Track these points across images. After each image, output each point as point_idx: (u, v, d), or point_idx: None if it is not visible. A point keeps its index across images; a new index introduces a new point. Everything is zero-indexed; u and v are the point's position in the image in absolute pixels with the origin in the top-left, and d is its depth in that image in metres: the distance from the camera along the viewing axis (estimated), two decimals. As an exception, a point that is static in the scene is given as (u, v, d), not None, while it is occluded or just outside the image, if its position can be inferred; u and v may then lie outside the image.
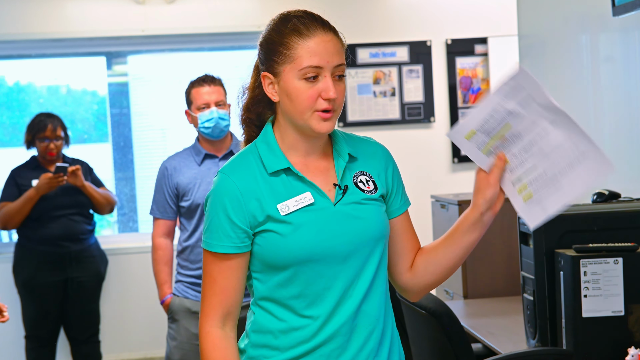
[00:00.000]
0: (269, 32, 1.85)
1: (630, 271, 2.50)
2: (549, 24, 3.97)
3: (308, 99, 1.79)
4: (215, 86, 3.69)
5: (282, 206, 1.80)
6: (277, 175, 1.82)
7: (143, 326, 5.61)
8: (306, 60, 1.78)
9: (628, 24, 3.24)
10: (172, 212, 3.70)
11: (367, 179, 1.89)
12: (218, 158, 3.71)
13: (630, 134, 3.29)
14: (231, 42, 5.76)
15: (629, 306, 2.53)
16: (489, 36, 5.69)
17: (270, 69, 1.83)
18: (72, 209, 4.71)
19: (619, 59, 3.37)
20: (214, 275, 1.83)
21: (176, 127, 5.67)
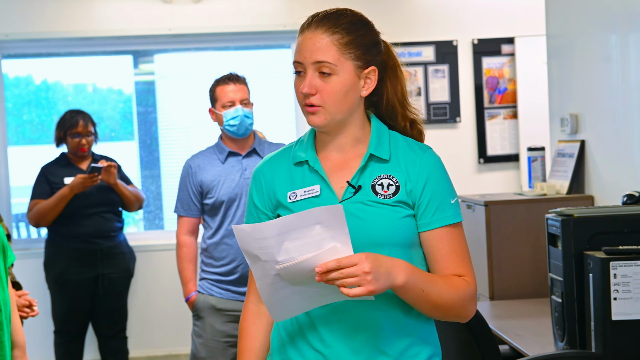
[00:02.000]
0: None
1: (661, 274, 2.47)
2: (577, 24, 3.93)
3: (297, 94, 1.89)
4: (240, 84, 3.70)
5: (291, 194, 1.89)
6: (300, 165, 1.91)
7: (168, 323, 5.63)
8: (295, 55, 1.90)
9: (659, 24, 3.20)
10: (197, 209, 3.71)
11: (389, 183, 1.87)
12: (241, 156, 3.71)
13: (661, 135, 3.25)
14: (257, 41, 5.77)
15: (659, 309, 2.50)
16: (516, 36, 5.65)
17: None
18: (103, 206, 4.75)
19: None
20: None
21: (200, 126, 5.68)
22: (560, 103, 4.03)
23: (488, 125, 5.67)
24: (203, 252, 3.74)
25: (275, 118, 5.74)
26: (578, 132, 3.89)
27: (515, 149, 5.70)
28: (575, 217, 2.63)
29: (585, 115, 3.83)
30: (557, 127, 4.08)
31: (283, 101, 5.78)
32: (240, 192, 3.67)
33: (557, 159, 3.98)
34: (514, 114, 5.69)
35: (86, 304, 4.78)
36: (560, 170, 3.91)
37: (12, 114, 5.89)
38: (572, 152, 3.84)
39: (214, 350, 3.65)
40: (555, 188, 3.83)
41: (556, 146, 4.05)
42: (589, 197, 3.71)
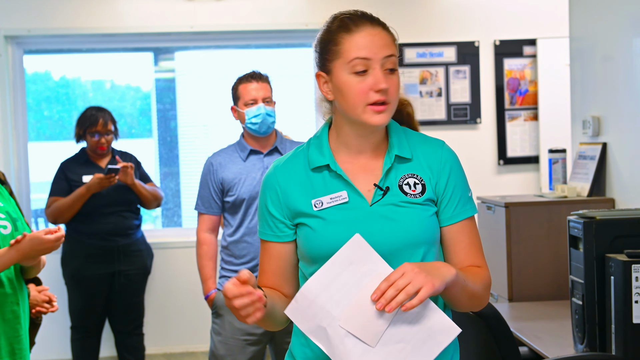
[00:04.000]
0: (320, 33, 1.89)
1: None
2: (601, 26, 3.91)
3: (359, 93, 1.80)
4: (262, 83, 3.70)
5: (316, 201, 1.84)
6: (319, 171, 1.87)
7: (185, 320, 5.64)
8: (353, 52, 1.80)
9: (684, 27, 3.17)
10: (217, 207, 3.72)
11: (415, 182, 1.86)
12: (263, 154, 3.72)
13: (684, 138, 3.22)
14: (279, 39, 5.77)
15: (681, 313, 2.48)
16: (538, 37, 5.62)
17: (323, 68, 1.86)
18: (121, 206, 4.76)
19: (673, 62, 3.30)
20: (262, 258, 1.95)
21: (219, 124, 5.69)
22: (582, 105, 4.01)
23: (508, 126, 5.65)
24: (223, 249, 3.74)
25: (295, 117, 5.74)
26: (600, 134, 3.87)
27: (535, 151, 5.68)
28: (597, 220, 2.62)
29: (608, 118, 3.81)
30: (579, 129, 4.06)
31: (303, 100, 5.79)
32: (261, 190, 3.67)
33: (578, 161, 3.96)
34: (535, 116, 5.66)
35: (103, 301, 4.80)
36: (581, 172, 3.89)
37: (31, 109, 5.92)
38: (594, 155, 3.82)
39: (232, 348, 3.66)
40: (576, 190, 3.81)
41: (577, 148, 4.02)
42: (610, 200, 3.69)
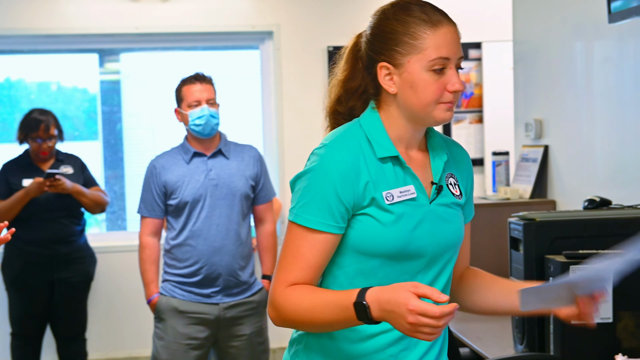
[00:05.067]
0: (387, 21, 1.77)
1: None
2: (544, 30, 3.96)
3: (435, 92, 1.73)
4: (206, 84, 3.69)
5: (387, 194, 1.75)
6: (385, 162, 1.77)
7: (129, 325, 5.58)
8: (435, 51, 1.72)
9: (623, 31, 3.23)
10: (160, 210, 3.69)
11: (454, 182, 1.86)
12: (207, 157, 3.70)
13: (623, 141, 3.28)
14: (225, 41, 5.74)
15: (617, 313, 2.52)
16: (483, 41, 5.68)
17: (390, 60, 1.76)
18: (61, 211, 4.67)
19: (613, 66, 3.36)
20: (303, 251, 1.73)
21: (166, 126, 5.64)
22: (525, 108, 4.06)
23: (454, 129, 5.69)
24: (166, 253, 3.71)
25: (241, 119, 5.72)
26: (542, 137, 3.92)
27: (481, 154, 5.73)
28: (537, 222, 2.64)
29: (549, 121, 3.86)
30: (522, 132, 4.11)
31: (250, 102, 5.76)
32: (205, 193, 3.65)
33: (520, 164, 4.00)
34: (480, 119, 5.72)
35: (43, 308, 4.71)
36: (523, 174, 3.94)
37: (-26, 111, 5.81)
38: (536, 157, 3.87)
39: (175, 353, 3.63)
40: (519, 192, 3.85)
41: (520, 151, 4.07)
42: (551, 202, 3.74)
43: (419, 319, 1.53)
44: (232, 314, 3.69)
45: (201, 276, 3.64)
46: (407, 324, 1.54)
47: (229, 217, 3.66)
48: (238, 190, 3.69)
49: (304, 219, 1.73)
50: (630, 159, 3.23)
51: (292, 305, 1.70)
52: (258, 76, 5.71)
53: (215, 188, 3.66)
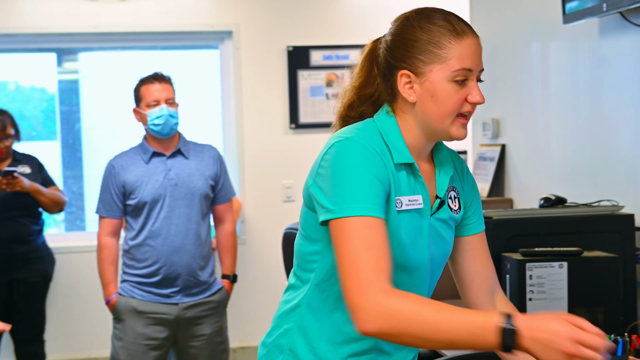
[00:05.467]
0: (410, 29, 1.73)
1: (575, 275, 2.53)
2: (500, 30, 4.01)
3: (456, 103, 1.69)
4: (165, 84, 3.68)
5: (398, 200, 1.70)
6: (400, 168, 1.72)
7: (88, 326, 5.53)
8: (459, 61, 1.68)
9: (577, 32, 3.28)
10: (119, 210, 3.67)
11: (455, 196, 1.83)
12: (166, 157, 3.69)
13: (578, 140, 3.33)
14: (184, 41, 5.72)
15: (572, 309, 2.56)
16: (442, 41, 5.72)
17: (412, 68, 1.71)
18: (19, 210, 4.61)
19: (568, 66, 3.41)
20: (373, 241, 1.58)
21: (126, 126, 5.60)
22: (483, 108, 4.10)
23: (413, 129, 5.73)
24: (125, 253, 3.69)
25: (202, 119, 5.70)
26: (499, 136, 3.96)
27: (440, 153, 5.77)
28: (494, 220, 2.68)
29: (506, 120, 3.91)
30: (479, 131, 4.15)
31: (210, 102, 5.75)
32: (164, 193, 3.64)
33: (478, 163, 4.05)
34: (439, 118, 5.76)
35: (1, 308, 4.65)
36: (481, 173, 3.98)
37: None
38: (493, 156, 3.91)
39: (134, 354, 3.61)
40: (477, 191, 3.89)
41: (478, 150, 4.11)
42: (508, 200, 3.79)
43: (581, 350, 1.46)
44: (192, 313, 3.68)
45: (160, 276, 3.63)
46: (562, 354, 1.46)
47: (188, 217, 3.65)
48: (197, 190, 3.68)
49: (358, 208, 1.60)
50: (584, 158, 3.29)
51: (410, 316, 1.52)
52: (218, 76, 5.69)
53: (174, 188, 3.65)
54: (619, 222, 2.76)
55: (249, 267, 5.51)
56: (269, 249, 5.42)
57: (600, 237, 2.72)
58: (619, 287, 2.64)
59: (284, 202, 5.59)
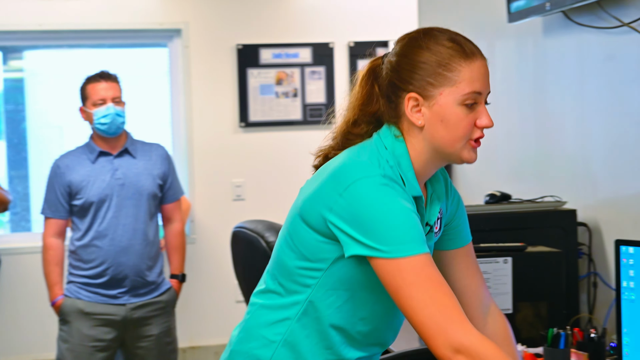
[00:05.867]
0: (419, 50, 1.67)
1: (519, 270, 2.57)
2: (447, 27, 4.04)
3: (466, 127, 1.65)
4: (111, 82, 3.65)
5: None
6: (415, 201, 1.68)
7: (34, 328, 5.44)
8: (469, 85, 1.64)
9: (522, 31, 3.32)
10: (65, 211, 3.63)
11: (439, 217, 1.80)
12: (113, 156, 3.65)
13: (523, 137, 3.37)
14: (132, 39, 5.66)
15: (517, 304, 2.59)
16: (391, 40, 5.75)
17: (420, 91, 1.66)
18: None
19: (513, 64, 3.45)
20: (438, 277, 1.56)
21: (74, 125, 5.53)
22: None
23: (363, 127, 5.75)
24: (71, 254, 3.65)
25: (151, 118, 5.65)
26: (447, 134, 4.00)
27: (389, 151, 5.80)
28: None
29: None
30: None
31: (159, 101, 5.70)
32: (111, 193, 3.60)
33: (427, 161, 4.08)
34: (388, 117, 5.79)
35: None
36: (429, 171, 4.01)
37: None
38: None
39: (80, 356, 3.57)
40: (425, 188, 3.92)
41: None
42: (456, 198, 3.82)
43: None
44: (140, 314, 3.65)
45: (107, 277, 3.59)
46: None
47: (136, 216, 3.62)
48: (145, 189, 3.65)
49: (413, 248, 1.56)
50: (529, 155, 3.33)
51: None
52: (167, 74, 5.65)
53: (121, 188, 3.62)
54: (562, 218, 2.81)
55: (199, 267, 5.49)
56: (219, 248, 5.40)
57: (544, 233, 2.76)
58: (562, 281, 2.68)
59: (234, 200, 5.57)
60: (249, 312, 1.80)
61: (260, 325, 1.74)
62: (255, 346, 1.73)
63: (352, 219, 1.58)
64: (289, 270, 1.71)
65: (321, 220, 1.63)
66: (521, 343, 2.48)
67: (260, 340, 1.73)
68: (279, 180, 5.54)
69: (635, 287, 2.15)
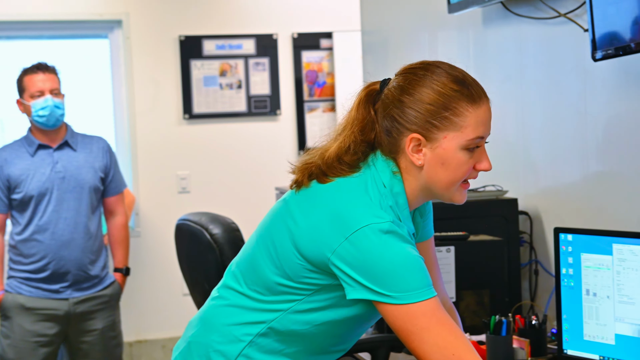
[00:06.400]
0: (423, 90, 1.63)
1: (462, 259, 2.60)
2: (390, 20, 4.06)
3: (466, 171, 1.64)
4: (49, 74, 3.59)
5: None
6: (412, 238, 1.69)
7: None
8: (474, 130, 1.61)
9: (463, 22, 3.35)
10: (4, 205, 3.57)
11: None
12: (52, 149, 3.60)
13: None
14: (72, 30, 5.57)
15: (460, 292, 2.62)
16: (334, 31, 5.76)
17: (424, 132, 1.62)
18: None
19: (455, 55, 3.48)
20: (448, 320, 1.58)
21: (14, 118, 5.43)
22: (374, 96, 4.15)
23: (308, 118, 5.76)
24: (11, 249, 3.60)
25: (92, 110, 5.57)
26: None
27: (335, 142, 5.81)
28: (383, 206, 2.71)
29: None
30: (371, 120, 4.19)
31: (100, 94, 5.62)
32: (51, 186, 3.55)
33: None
34: (333, 107, 5.80)
35: None
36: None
37: None
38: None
39: (23, 351, 3.52)
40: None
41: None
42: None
43: None
44: (83, 308, 3.61)
45: (49, 272, 3.54)
46: None
47: (77, 210, 3.58)
48: (86, 182, 3.61)
49: (423, 293, 1.56)
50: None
51: None
52: (108, 66, 5.57)
53: (62, 181, 3.57)
54: (503, 207, 2.85)
55: (145, 260, 5.44)
56: (164, 242, 5.36)
57: (486, 221, 2.80)
58: (504, 269, 2.72)
59: (179, 193, 5.53)
60: (212, 305, 1.78)
61: (228, 323, 1.73)
62: (219, 341, 1.73)
63: (359, 265, 1.57)
64: (267, 284, 1.69)
65: (321, 257, 1.61)
66: (464, 331, 2.51)
67: (227, 337, 1.72)
68: (224, 172, 5.52)
69: (574, 274, 2.19)
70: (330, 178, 1.67)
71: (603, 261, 2.12)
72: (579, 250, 2.18)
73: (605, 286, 2.12)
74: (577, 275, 2.18)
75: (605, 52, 2.31)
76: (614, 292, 2.10)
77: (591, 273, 2.15)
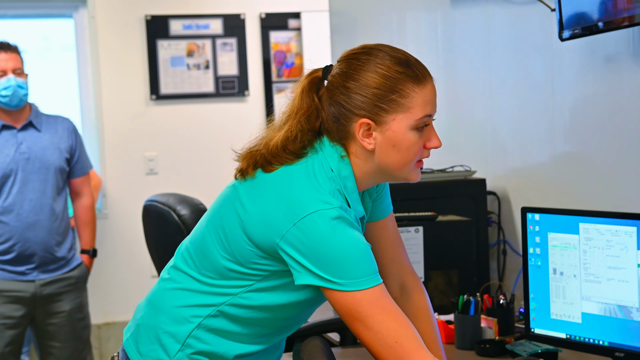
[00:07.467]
0: (367, 74, 1.62)
1: (430, 239, 2.61)
2: (358, 1, 4.05)
3: (417, 151, 1.65)
4: (12, 53, 3.54)
5: None
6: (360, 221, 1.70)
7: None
8: (422, 109, 1.63)
9: (431, 2, 3.35)
10: (-32, 187, 3.52)
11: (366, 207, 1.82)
12: (16, 129, 3.56)
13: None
14: (34, 9, 5.48)
15: (428, 272, 2.64)
16: (303, 11, 5.73)
17: (373, 116, 1.62)
18: None
19: (424, 36, 3.48)
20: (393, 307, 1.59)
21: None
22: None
23: (276, 98, 5.73)
24: (-23, 231, 3.55)
25: (58, 90, 5.51)
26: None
27: (302, 123, 5.79)
28: (352, 187, 2.71)
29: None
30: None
31: (65, 74, 5.55)
32: (16, 167, 3.51)
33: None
34: (301, 88, 5.78)
35: None
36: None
37: None
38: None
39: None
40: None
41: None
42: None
43: None
44: (50, 290, 3.58)
45: (14, 253, 3.51)
46: None
47: (42, 191, 3.54)
48: (52, 163, 3.57)
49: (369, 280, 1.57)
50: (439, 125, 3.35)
51: None
52: (73, 46, 5.50)
53: (27, 162, 3.52)
54: (471, 187, 2.86)
55: (112, 242, 5.40)
56: (132, 223, 5.32)
57: (454, 202, 2.81)
58: (472, 249, 2.74)
59: (146, 174, 5.48)
60: (161, 288, 1.78)
61: (177, 305, 1.73)
62: (168, 322, 1.73)
63: (307, 250, 1.57)
64: (218, 269, 1.69)
65: (270, 243, 1.61)
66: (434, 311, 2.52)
67: (176, 318, 1.72)
68: (192, 153, 5.48)
69: (541, 254, 2.21)
70: (276, 166, 1.67)
71: (570, 240, 2.14)
72: (546, 229, 2.19)
73: (572, 265, 2.14)
74: (545, 255, 2.20)
75: (572, 32, 2.32)
76: (581, 271, 2.12)
77: (558, 252, 2.17)
